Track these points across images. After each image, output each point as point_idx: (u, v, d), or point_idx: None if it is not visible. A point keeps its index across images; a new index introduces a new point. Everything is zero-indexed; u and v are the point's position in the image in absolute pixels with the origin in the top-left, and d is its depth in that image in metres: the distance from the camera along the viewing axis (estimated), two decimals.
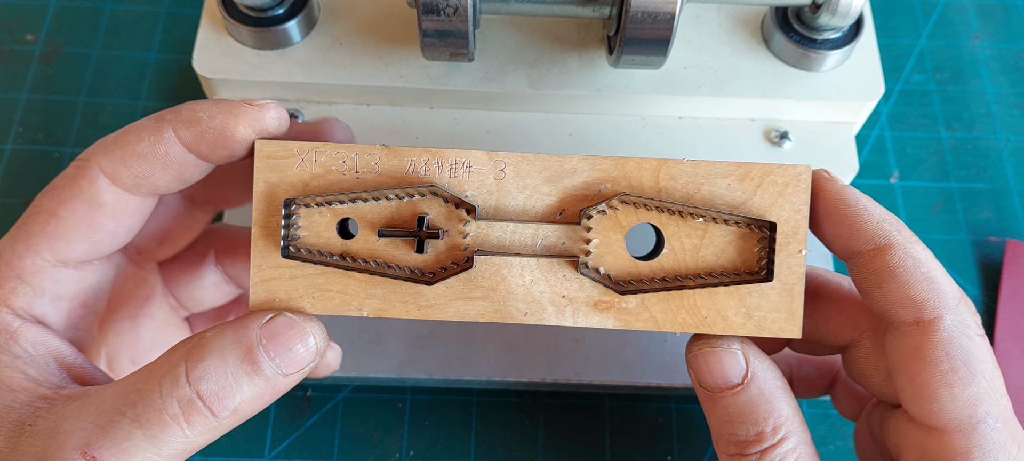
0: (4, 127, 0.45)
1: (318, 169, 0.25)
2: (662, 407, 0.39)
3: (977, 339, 0.25)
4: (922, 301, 0.25)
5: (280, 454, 0.37)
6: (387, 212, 0.26)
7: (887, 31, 0.50)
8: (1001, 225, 0.44)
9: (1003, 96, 0.48)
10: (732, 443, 0.26)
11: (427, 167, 0.26)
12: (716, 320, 0.26)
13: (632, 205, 0.26)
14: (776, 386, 0.26)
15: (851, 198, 0.25)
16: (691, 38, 0.34)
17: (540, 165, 0.26)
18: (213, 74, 0.32)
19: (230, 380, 0.23)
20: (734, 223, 0.26)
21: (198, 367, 0.23)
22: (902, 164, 0.46)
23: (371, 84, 0.33)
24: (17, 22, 0.48)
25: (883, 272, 0.25)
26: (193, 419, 0.23)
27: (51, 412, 0.23)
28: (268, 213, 0.25)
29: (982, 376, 0.24)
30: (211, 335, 0.24)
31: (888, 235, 0.25)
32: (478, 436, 0.38)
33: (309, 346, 0.24)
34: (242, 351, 0.23)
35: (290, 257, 0.25)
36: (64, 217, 0.25)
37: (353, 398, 0.39)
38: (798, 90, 0.33)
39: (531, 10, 0.31)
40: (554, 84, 0.33)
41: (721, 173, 0.26)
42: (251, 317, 0.24)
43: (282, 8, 0.32)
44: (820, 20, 0.32)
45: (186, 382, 0.23)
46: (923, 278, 0.25)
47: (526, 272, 0.26)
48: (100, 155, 0.25)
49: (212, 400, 0.23)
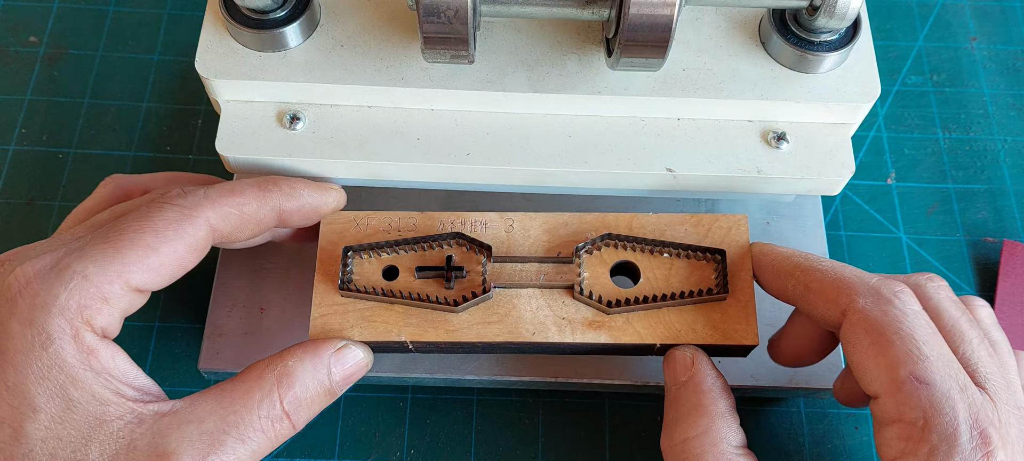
0: (8, 128, 0.45)
1: (369, 231, 0.33)
2: (661, 407, 0.39)
3: (892, 311, 0.28)
4: (836, 297, 0.29)
5: (282, 453, 0.38)
6: (421, 259, 0.32)
7: (884, 33, 0.50)
8: (998, 226, 0.44)
9: (1000, 97, 0.48)
10: (673, 428, 0.31)
11: (453, 225, 0.33)
12: (687, 332, 0.32)
13: (612, 246, 0.33)
14: (712, 385, 0.31)
15: (767, 250, 0.32)
16: (689, 40, 0.34)
17: (540, 221, 0.33)
18: (216, 76, 0.33)
19: (309, 401, 0.29)
20: (694, 256, 0.33)
21: (289, 394, 0.28)
22: (899, 165, 0.46)
23: (372, 86, 0.33)
24: (21, 24, 0.48)
25: (804, 295, 0.30)
26: (280, 431, 0.28)
27: (144, 428, 0.26)
28: (328, 263, 0.32)
29: (898, 342, 0.27)
30: (293, 364, 0.29)
31: (798, 265, 0.31)
32: (478, 435, 0.38)
33: (360, 364, 0.31)
34: (321, 378, 0.29)
35: (345, 292, 0.31)
36: (164, 254, 0.28)
37: (354, 397, 0.39)
38: (796, 92, 0.33)
39: (531, 13, 0.31)
40: (554, 86, 0.33)
41: (679, 222, 0.33)
42: (323, 346, 0.30)
43: (284, 11, 0.33)
44: (817, 22, 0.32)
45: (281, 408, 0.28)
46: (833, 282, 0.29)
47: (532, 300, 0.32)
48: (208, 208, 0.29)
49: (296, 416, 0.29)
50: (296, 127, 0.33)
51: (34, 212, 0.43)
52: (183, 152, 0.45)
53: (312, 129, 0.33)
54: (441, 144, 0.33)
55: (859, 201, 0.45)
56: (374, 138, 0.33)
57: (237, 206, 0.30)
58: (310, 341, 0.30)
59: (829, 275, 0.30)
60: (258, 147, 0.33)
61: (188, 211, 0.28)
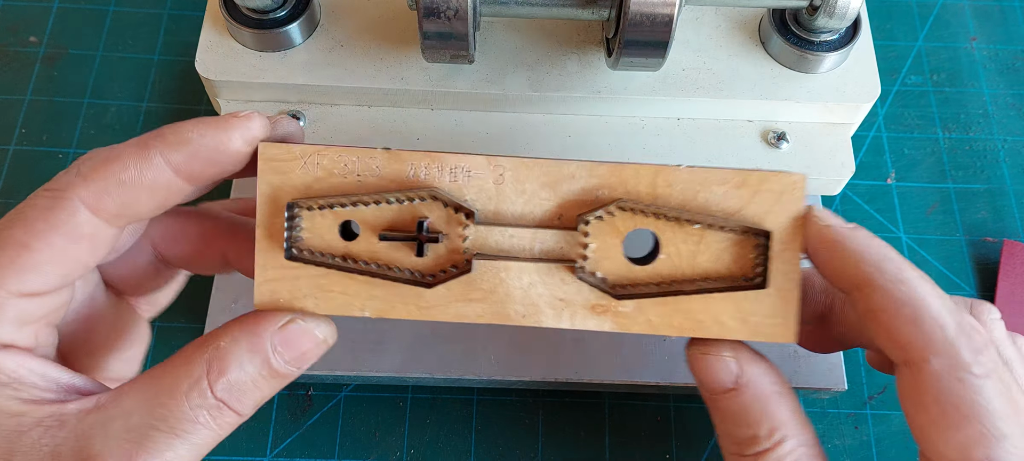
0: (8, 128, 0.45)
1: (320, 172, 0.26)
2: (661, 406, 0.39)
3: (971, 380, 0.23)
4: (906, 344, 0.24)
5: (282, 452, 0.38)
6: (388, 215, 0.26)
7: (884, 33, 0.50)
8: (998, 225, 0.44)
9: (1000, 97, 0.48)
10: (731, 442, 0.27)
11: (428, 171, 0.26)
12: (711, 325, 0.26)
13: (629, 211, 0.26)
14: (772, 391, 0.26)
15: (831, 237, 0.25)
16: (689, 40, 0.34)
17: (538, 171, 0.26)
18: (215, 76, 0.33)
19: (251, 386, 0.25)
20: (730, 230, 0.26)
21: (220, 381, 0.24)
22: (899, 165, 0.46)
23: (372, 86, 0.33)
24: (21, 24, 0.48)
25: (866, 315, 0.25)
26: (221, 421, 0.24)
27: (66, 431, 0.23)
28: (272, 215, 0.26)
29: (975, 420, 0.23)
30: (226, 346, 0.24)
31: (868, 277, 0.24)
32: (478, 434, 0.38)
33: (318, 341, 0.26)
34: (260, 360, 0.25)
35: (293, 259, 0.25)
36: (38, 250, 0.23)
37: (354, 397, 0.39)
38: (796, 92, 0.33)
39: (531, 12, 0.31)
40: (554, 86, 0.33)
41: (717, 180, 0.26)
42: (263, 322, 0.25)
43: (284, 10, 0.33)
44: (817, 22, 0.32)
45: (211, 395, 0.24)
46: (906, 320, 0.24)
47: (524, 275, 0.26)
48: (79, 185, 0.24)
49: (237, 403, 0.24)
50: None
51: None
52: None
53: (312, 129, 0.33)
54: (441, 144, 0.33)
55: (859, 201, 0.45)
56: (374, 138, 0.33)
57: (113, 175, 0.24)
58: (249, 316, 0.25)
59: (905, 309, 0.24)
60: None
61: (58, 194, 0.24)
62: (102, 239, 0.24)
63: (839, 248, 0.25)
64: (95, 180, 0.24)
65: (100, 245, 0.25)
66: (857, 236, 0.25)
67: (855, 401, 0.40)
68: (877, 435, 0.39)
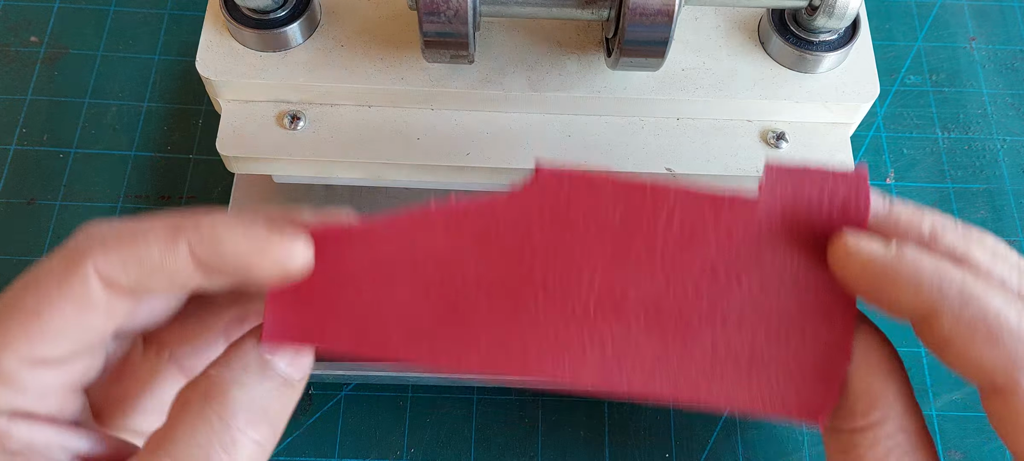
0: (8, 128, 0.45)
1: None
2: (660, 406, 0.39)
3: None
4: (990, 368, 0.21)
5: (282, 451, 0.38)
6: None
7: (883, 33, 0.50)
8: (996, 225, 0.44)
9: (999, 97, 0.48)
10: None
11: None
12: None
13: None
14: (877, 366, 0.24)
15: (877, 269, 0.22)
16: (689, 40, 0.34)
17: None
18: (216, 76, 0.33)
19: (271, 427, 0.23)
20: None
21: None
22: (898, 165, 0.46)
23: (372, 86, 0.33)
24: (21, 24, 0.48)
25: (940, 345, 0.22)
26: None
27: None
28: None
29: None
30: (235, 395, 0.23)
31: (929, 304, 0.21)
32: (478, 434, 0.38)
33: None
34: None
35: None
36: (50, 318, 0.22)
37: (355, 396, 0.39)
38: (795, 92, 0.33)
39: (531, 13, 0.31)
40: (553, 86, 0.33)
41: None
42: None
43: (284, 11, 0.33)
44: (816, 22, 0.32)
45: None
46: (983, 342, 0.21)
47: None
48: (98, 253, 0.22)
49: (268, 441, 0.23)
50: (297, 127, 0.33)
51: (35, 212, 0.43)
52: (184, 152, 0.45)
53: (312, 129, 0.33)
54: (441, 144, 0.34)
55: None
56: (374, 138, 0.33)
57: (133, 250, 0.22)
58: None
59: (979, 331, 0.21)
60: (259, 147, 0.33)
61: (72, 259, 0.22)
62: (118, 310, 0.23)
63: (890, 280, 0.22)
64: (114, 252, 0.22)
65: (118, 313, 0.23)
66: (907, 258, 0.22)
67: None
68: None
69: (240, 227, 0.22)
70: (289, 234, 0.23)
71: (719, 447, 0.38)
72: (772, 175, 0.24)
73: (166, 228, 0.22)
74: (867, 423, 0.23)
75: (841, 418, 0.24)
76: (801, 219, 0.24)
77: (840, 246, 0.23)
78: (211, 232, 0.22)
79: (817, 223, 0.24)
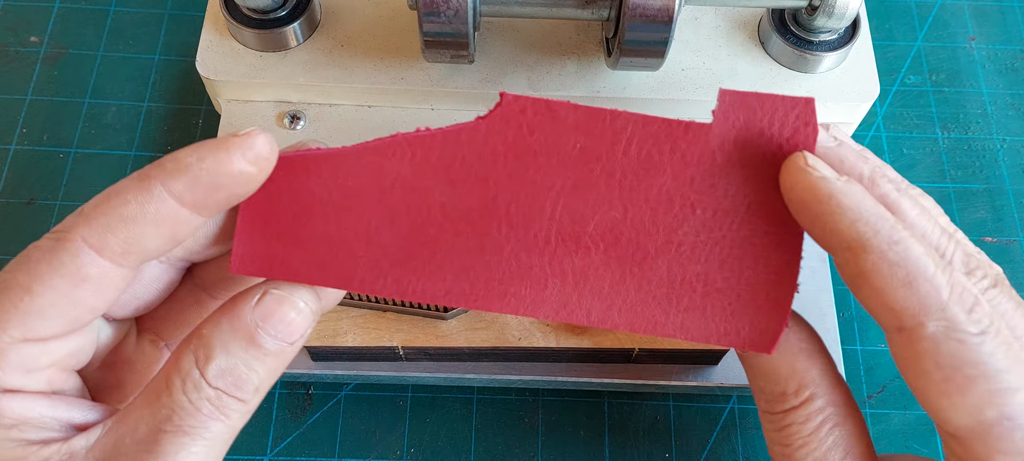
0: (8, 128, 0.45)
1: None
2: (660, 405, 0.39)
3: (971, 339, 0.23)
4: (900, 309, 0.23)
5: (282, 451, 0.38)
6: None
7: (883, 33, 0.50)
8: (996, 225, 0.44)
9: (999, 97, 0.48)
10: (762, 397, 0.27)
11: None
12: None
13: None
14: (801, 348, 0.26)
15: (823, 192, 0.23)
16: (689, 40, 0.34)
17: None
18: (216, 75, 0.33)
19: (243, 368, 0.23)
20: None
21: (210, 367, 0.23)
22: (898, 165, 0.46)
23: (372, 85, 0.33)
24: (21, 24, 0.48)
25: (857, 277, 0.23)
26: (227, 410, 0.23)
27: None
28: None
29: (982, 380, 0.22)
30: (208, 332, 0.23)
31: (861, 237, 0.23)
32: (478, 433, 0.38)
33: (302, 311, 0.24)
34: (244, 340, 0.24)
35: (345, 301, 0.31)
36: (40, 294, 0.22)
37: (355, 396, 0.39)
38: (795, 91, 0.33)
39: (530, 12, 0.31)
40: (553, 86, 0.33)
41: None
42: (241, 302, 0.24)
43: (284, 10, 0.33)
44: (816, 22, 0.32)
45: (207, 384, 0.23)
46: (900, 284, 0.23)
47: None
48: (82, 225, 0.22)
49: (235, 390, 0.23)
50: (296, 127, 0.33)
51: (35, 212, 0.43)
52: None
53: (312, 129, 0.33)
54: None
55: None
56: (374, 137, 0.33)
57: (114, 210, 0.23)
58: (230, 299, 0.24)
59: (899, 271, 0.23)
60: None
61: (61, 235, 0.23)
62: (111, 281, 0.23)
63: (829, 206, 0.23)
64: (97, 218, 0.23)
65: (109, 287, 0.23)
66: (852, 191, 0.23)
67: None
68: (876, 434, 0.39)
69: (199, 144, 0.23)
70: (245, 130, 0.24)
71: (719, 447, 0.38)
72: (725, 99, 0.24)
73: (135, 178, 0.23)
74: (799, 402, 0.25)
75: (774, 401, 0.26)
76: (753, 145, 0.24)
77: (795, 162, 0.24)
78: (174, 163, 0.23)
79: (768, 149, 0.24)
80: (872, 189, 0.25)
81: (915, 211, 0.25)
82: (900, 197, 0.25)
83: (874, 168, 0.26)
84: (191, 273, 0.28)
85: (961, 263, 0.25)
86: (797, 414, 0.26)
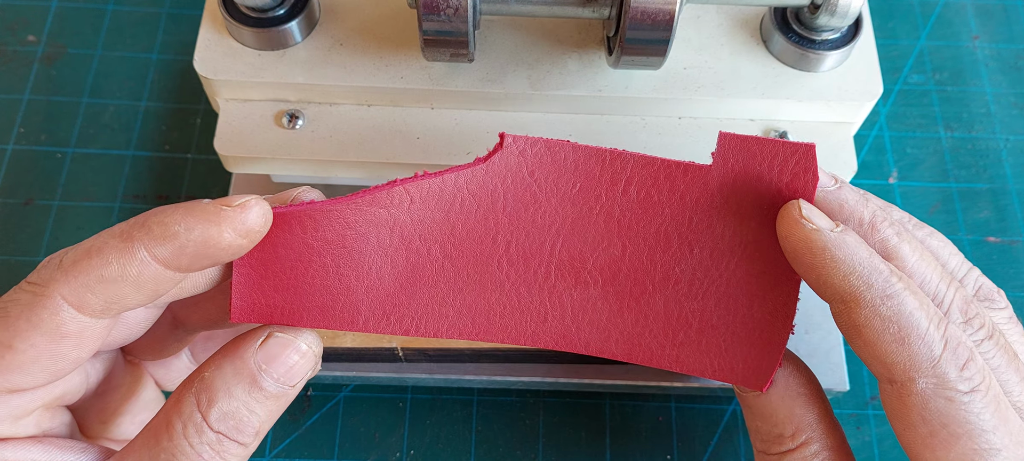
0: (6, 127, 0.45)
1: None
2: (662, 407, 0.39)
3: (958, 398, 0.23)
4: (891, 364, 0.23)
5: (282, 452, 0.38)
6: None
7: (886, 32, 0.50)
8: (1000, 225, 0.44)
9: (1002, 96, 0.48)
10: (758, 438, 0.27)
11: None
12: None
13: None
14: (800, 392, 0.26)
15: (817, 244, 0.23)
16: (690, 39, 0.34)
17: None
18: (214, 75, 0.33)
19: (245, 411, 0.23)
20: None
21: (212, 411, 0.23)
22: (901, 164, 0.46)
23: (372, 85, 0.33)
24: (19, 23, 0.48)
25: (850, 329, 0.24)
26: (226, 454, 0.23)
27: None
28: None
29: (966, 438, 0.23)
30: (211, 375, 0.23)
31: (854, 290, 0.23)
32: (478, 435, 0.38)
33: (305, 354, 0.24)
34: (247, 383, 0.23)
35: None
36: (21, 350, 0.22)
37: (354, 397, 0.39)
38: (797, 90, 0.33)
39: (531, 11, 0.31)
40: (554, 85, 0.33)
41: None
42: (244, 345, 0.24)
43: (283, 9, 0.33)
44: (819, 21, 0.32)
45: (208, 429, 0.23)
46: (891, 339, 0.23)
47: None
48: (61, 282, 0.22)
49: (236, 433, 0.23)
50: (295, 126, 0.33)
51: (32, 212, 0.43)
52: (182, 151, 0.45)
53: (311, 128, 0.33)
54: (441, 143, 0.33)
55: None
56: (373, 137, 0.33)
57: (94, 270, 0.22)
58: (231, 341, 0.24)
59: (891, 326, 0.23)
60: (257, 146, 0.33)
61: (39, 290, 0.22)
62: (92, 333, 0.23)
63: (823, 258, 0.23)
64: (76, 276, 0.22)
65: (90, 339, 0.23)
66: (846, 243, 0.23)
67: (857, 402, 0.39)
68: (879, 436, 0.39)
69: (188, 209, 0.22)
70: (239, 199, 0.23)
71: (721, 449, 0.38)
72: (725, 143, 0.24)
73: (118, 237, 0.22)
74: (795, 445, 0.26)
75: (771, 442, 0.27)
76: (752, 188, 0.24)
77: (790, 212, 0.24)
78: (161, 228, 0.22)
79: (767, 193, 0.24)
80: (872, 234, 0.25)
81: (915, 256, 0.25)
82: (900, 243, 0.25)
83: (874, 211, 0.25)
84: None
85: (959, 312, 0.25)
86: (792, 457, 0.26)
